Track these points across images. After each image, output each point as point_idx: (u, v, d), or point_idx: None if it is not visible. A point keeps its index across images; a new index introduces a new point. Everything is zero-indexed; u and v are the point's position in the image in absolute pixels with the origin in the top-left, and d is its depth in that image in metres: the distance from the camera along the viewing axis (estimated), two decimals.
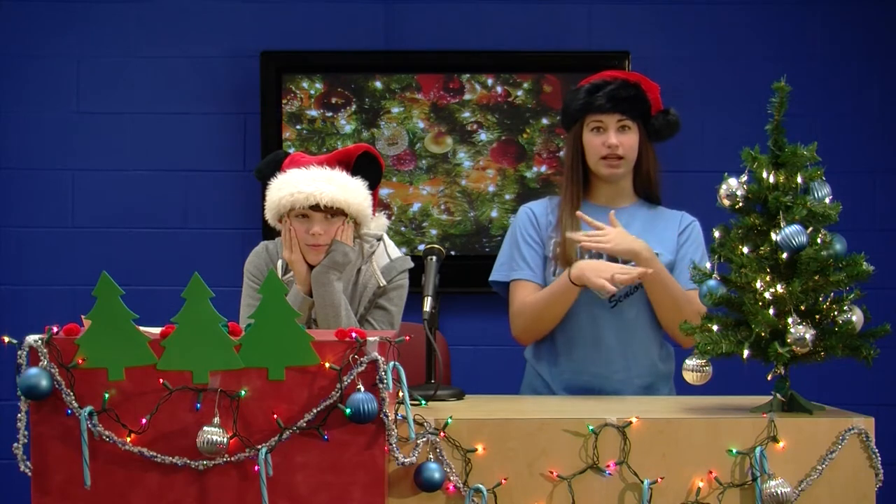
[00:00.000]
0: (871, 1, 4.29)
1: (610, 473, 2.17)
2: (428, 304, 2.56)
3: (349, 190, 2.69)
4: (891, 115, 4.27)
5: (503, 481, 2.16)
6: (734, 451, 2.18)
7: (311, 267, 2.72)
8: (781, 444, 2.17)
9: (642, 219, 2.88)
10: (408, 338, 2.83)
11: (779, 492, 2.13)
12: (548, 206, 2.93)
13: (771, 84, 2.32)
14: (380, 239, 2.85)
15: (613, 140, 2.81)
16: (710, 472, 2.17)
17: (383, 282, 2.78)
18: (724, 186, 2.34)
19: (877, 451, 2.21)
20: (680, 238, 2.87)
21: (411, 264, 2.87)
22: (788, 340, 2.21)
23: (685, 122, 4.23)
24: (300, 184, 2.66)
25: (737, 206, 2.33)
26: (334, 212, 2.68)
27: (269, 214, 2.74)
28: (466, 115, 4.23)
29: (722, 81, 4.27)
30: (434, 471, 2.12)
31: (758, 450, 2.16)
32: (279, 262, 2.79)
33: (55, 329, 2.07)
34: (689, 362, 2.32)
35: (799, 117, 4.07)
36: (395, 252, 2.87)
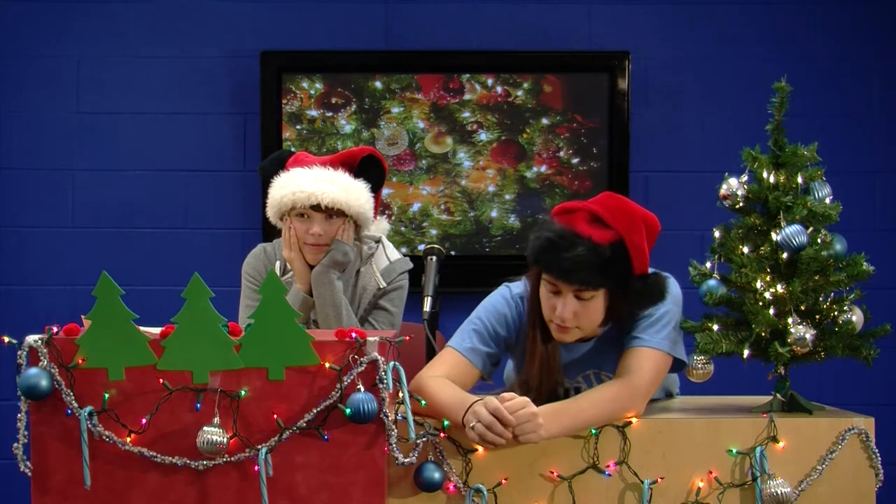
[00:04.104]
0: (871, 1, 4.29)
1: (610, 474, 2.17)
2: (428, 304, 2.56)
3: (351, 191, 2.69)
4: (891, 115, 4.27)
5: (503, 481, 2.16)
6: (734, 451, 2.17)
7: (311, 266, 2.73)
8: (781, 444, 2.17)
9: (613, 356, 2.37)
10: (408, 338, 2.84)
11: (779, 492, 2.13)
12: (518, 315, 2.45)
13: (771, 84, 2.32)
14: (378, 241, 2.85)
15: (565, 313, 2.24)
16: (711, 472, 2.17)
17: (383, 283, 2.79)
18: (724, 186, 2.34)
19: (877, 451, 2.21)
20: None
21: (410, 265, 2.87)
22: (789, 340, 2.21)
23: (685, 122, 4.27)
24: (302, 183, 2.66)
25: (737, 206, 2.33)
26: (335, 212, 2.68)
27: (271, 212, 2.75)
28: (466, 115, 4.23)
29: (722, 81, 4.27)
30: (434, 471, 2.12)
31: (758, 450, 2.16)
32: (277, 263, 2.80)
33: (55, 329, 2.07)
34: (691, 361, 2.33)
35: (799, 117, 4.07)
36: (395, 254, 2.87)
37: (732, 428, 2.19)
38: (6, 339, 2.06)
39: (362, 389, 2.02)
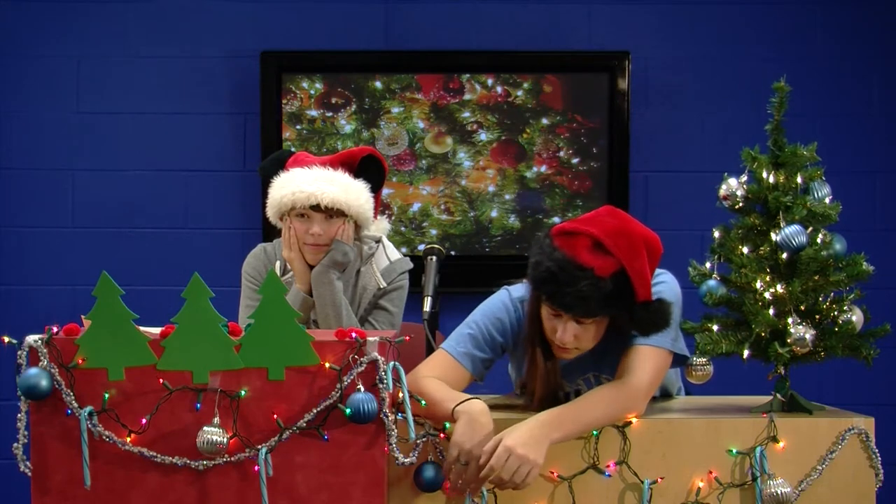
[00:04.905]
0: (871, 1, 4.30)
1: (609, 474, 2.17)
2: (428, 305, 2.56)
3: (350, 191, 2.69)
4: (891, 115, 4.27)
5: None
6: (734, 451, 2.17)
7: (311, 266, 2.73)
8: (781, 444, 2.17)
9: (616, 358, 2.35)
10: (408, 338, 2.83)
11: (779, 492, 2.13)
12: (517, 321, 2.45)
13: (771, 84, 2.32)
14: (378, 241, 2.86)
15: (565, 337, 2.23)
16: (711, 472, 2.17)
17: (384, 283, 2.80)
18: (723, 186, 2.34)
19: (877, 451, 2.21)
20: None
21: (411, 265, 2.87)
22: (788, 341, 2.21)
23: (685, 122, 4.27)
24: (302, 183, 2.66)
25: (737, 206, 2.33)
26: (335, 212, 2.68)
27: (271, 212, 2.75)
28: (466, 115, 4.23)
29: (722, 81, 4.27)
30: (434, 471, 2.12)
31: (758, 450, 2.16)
32: (277, 263, 2.81)
33: (55, 329, 2.07)
34: (694, 360, 2.33)
35: (799, 117, 4.06)
36: (395, 254, 2.88)
37: (732, 428, 2.19)
38: (6, 339, 2.06)
39: (362, 389, 2.02)
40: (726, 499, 2.17)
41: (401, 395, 2.08)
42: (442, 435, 2.15)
